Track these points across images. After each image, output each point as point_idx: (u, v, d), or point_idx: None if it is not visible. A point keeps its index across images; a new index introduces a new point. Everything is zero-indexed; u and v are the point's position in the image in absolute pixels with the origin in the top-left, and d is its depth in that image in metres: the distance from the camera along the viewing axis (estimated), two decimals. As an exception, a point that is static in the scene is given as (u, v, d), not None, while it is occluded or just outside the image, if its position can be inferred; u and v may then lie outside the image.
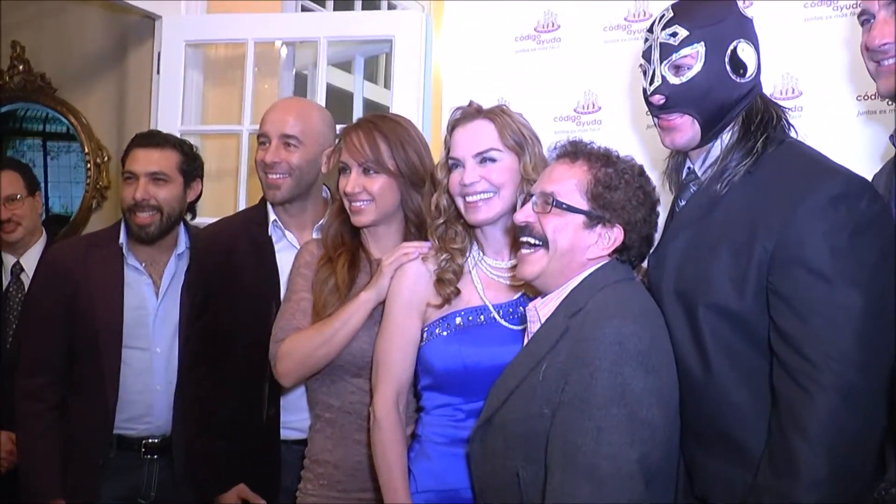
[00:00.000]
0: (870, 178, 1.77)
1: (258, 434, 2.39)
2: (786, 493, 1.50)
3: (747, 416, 1.63)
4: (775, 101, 1.83)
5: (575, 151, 1.79)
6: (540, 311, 1.75)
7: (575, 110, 2.92)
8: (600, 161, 1.76)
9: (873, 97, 2.40)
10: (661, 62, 1.75)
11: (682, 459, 1.75)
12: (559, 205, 1.71)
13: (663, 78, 1.74)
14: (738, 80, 1.73)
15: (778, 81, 2.55)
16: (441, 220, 2.03)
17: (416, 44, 3.22)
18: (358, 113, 3.68)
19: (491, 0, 3.11)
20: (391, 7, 4.17)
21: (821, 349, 1.51)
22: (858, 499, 1.53)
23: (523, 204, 1.80)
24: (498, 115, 1.99)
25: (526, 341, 1.80)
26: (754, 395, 1.62)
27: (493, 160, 1.95)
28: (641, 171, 1.79)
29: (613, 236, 1.72)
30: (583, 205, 1.71)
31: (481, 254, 2.04)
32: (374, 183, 2.10)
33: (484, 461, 1.76)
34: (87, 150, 4.11)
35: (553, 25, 3.00)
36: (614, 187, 1.71)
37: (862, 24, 1.71)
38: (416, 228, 2.16)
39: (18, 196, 3.21)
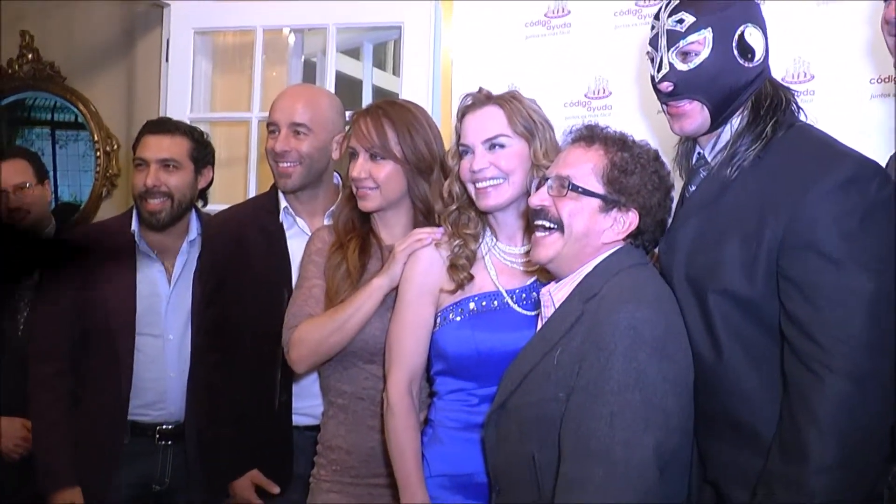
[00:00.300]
0: (884, 162, 1.76)
1: (270, 420, 2.40)
2: (796, 478, 1.50)
3: (759, 402, 1.62)
4: (787, 85, 1.82)
5: (591, 135, 1.79)
6: (554, 295, 1.75)
7: (585, 96, 2.91)
8: (616, 145, 1.75)
9: (887, 80, 2.39)
10: (668, 49, 1.74)
11: (695, 445, 1.75)
12: (575, 188, 1.71)
13: (671, 65, 1.74)
14: (746, 65, 1.71)
15: (790, 65, 2.54)
16: (454, 207, 2.03)
17: (425, 30, 3.21)
18: (367, 100, 3.68)
19: (500, -14, 3.10)
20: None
21: (831, 333, 1.50)
22: (869, 485, 1.53)
23: (538, 188, 1.79)
24: (508, 101, 1.98)
25: (539, 326, 1.80)
26: (766, 381, 1.62)
27: (501, 146, 1.95)
28: (656, 156, 1.79)
29: (629, 221, 1.72)
30: (599, 189, 1.71)
31: (494, 239, 2.04)
32: (381, 169, 2.10)
33: (498, 446, 1.77)
34: (96, 139, 4.11)
35: (563, 11, 2.98)
36: (630, 171, 1.71)
37: None
38: (423, 216, 2.16)
39: (27, 184, 3.22)
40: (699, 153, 1.84)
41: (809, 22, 2.53)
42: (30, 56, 4.25)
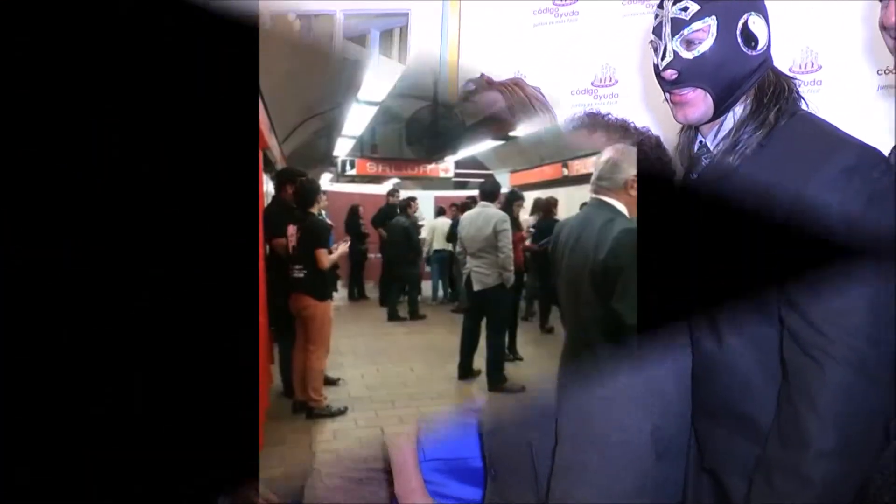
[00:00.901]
0: (887, 152, 1.75)
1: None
2: (793, 464, 1.50)
3: (758, 391, 1.62)
4: (795, 75, 1.81)
5: (592, 123, 1.78)
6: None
7: (592, 84, 2.91)
8: (618, 133, 1.74)
9: (893, 71, 2.37)
10: (672, 37, 1.73)
11: (693, 432, 1.75)
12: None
13: (675, 53, 1.73)
14: (749, 53, 1.70)
15: (797, 55, 2.53)
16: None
17: (432, 17, 3.20)
18: (373, 87, 3.67)
19: (508, -27, 3.09)
20: (407, -20, 4.14)
21: (833, 322, 1.50)
22: (865, 474, 1.53)
23: (539, 176, 1.79)
24: (508, 87, 1.98)
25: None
26: (765, 370, 1.61)
27: None
28: (658, 142, 1.78)
29: (631, 209, 1.71)
30: (602, 177, 1.70)
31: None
32: None
33: (494, 431, 1.77)
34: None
35: (571, -1, 2.98)
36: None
37: None
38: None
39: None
40: (701, 141, 1.83)
41: (817, 12, 2.52)
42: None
